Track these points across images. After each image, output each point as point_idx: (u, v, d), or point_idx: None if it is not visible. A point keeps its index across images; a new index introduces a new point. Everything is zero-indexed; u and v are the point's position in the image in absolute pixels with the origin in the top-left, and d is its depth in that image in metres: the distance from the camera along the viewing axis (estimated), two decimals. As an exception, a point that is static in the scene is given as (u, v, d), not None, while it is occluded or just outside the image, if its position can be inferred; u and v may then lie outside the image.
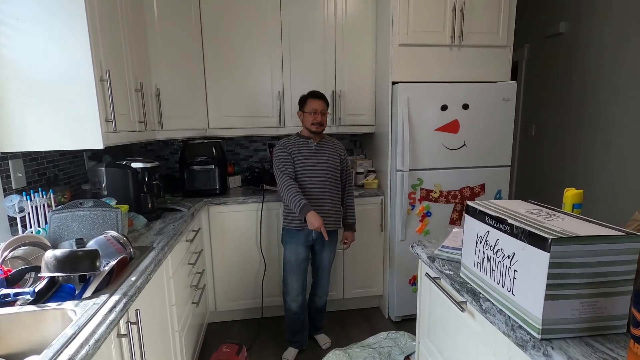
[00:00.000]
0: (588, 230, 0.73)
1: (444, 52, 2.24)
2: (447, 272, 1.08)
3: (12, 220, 1.41)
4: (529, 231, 0.74)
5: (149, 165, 1.75)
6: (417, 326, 1.37)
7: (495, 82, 2.27)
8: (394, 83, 2.22)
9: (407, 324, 2.36)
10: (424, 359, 1.32)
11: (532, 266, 0.73)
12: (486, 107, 2.23)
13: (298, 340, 2.08)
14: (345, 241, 2.07)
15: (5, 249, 1.10)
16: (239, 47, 2.37)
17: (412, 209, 2.27)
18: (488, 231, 0.88)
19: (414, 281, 2.36)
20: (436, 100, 2.18)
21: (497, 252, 0.85)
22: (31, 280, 1.10)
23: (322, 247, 2.01)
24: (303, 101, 1.96)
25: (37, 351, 0.89)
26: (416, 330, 1.38)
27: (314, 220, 1.78)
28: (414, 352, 1.65)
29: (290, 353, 2.07)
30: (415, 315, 1.40)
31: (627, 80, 2.36)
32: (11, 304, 0.95)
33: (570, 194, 1.15)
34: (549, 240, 0.69)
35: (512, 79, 2.33)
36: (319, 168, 1.93)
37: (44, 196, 1.42)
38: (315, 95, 1.94)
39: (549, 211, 0.88)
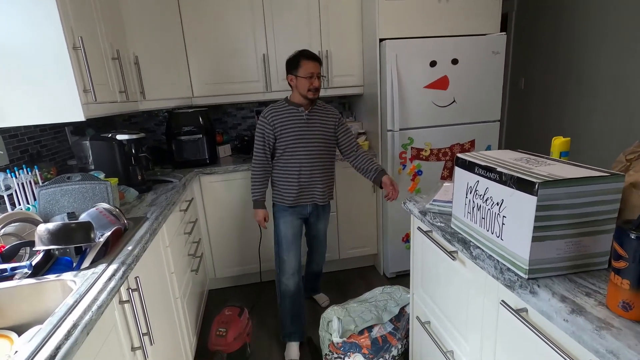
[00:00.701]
0: (574, 173, 0.74)
1: (432, 4, 2.15)
2: (439, 224, 1.11)
3: (-1, 199, 1.39)
4: (517, 177, 0.75)
5: (134, 136, 1.71)
6: (411, 278, 1.42)
7: (484, 35, 2.22)
8: (381, 40, 2.15)
9: (401, 279, 2.46)
10: (418, 307, 1.38)
11: (520, 211, 0.75)
12: (476, 61, 2.19)
13: (296, 330, 1.86)
14: (390, 190, 1.72)
15: (-4, 226, 1.09)
16: (218, 9, 2.25)
17: (403, 169, 2.28)
18: (478, 181, 0.90)
19: (406, 239, 2.42)
20: (425, 56, 2.13)
21: (486, 200, 0.87)
22: (27, 255, 1.10)
23: (317, 219, 1.93)
24: (294, 63, 1.68)
25: (41, 322, 0.91)
26: (410, 282, 1.44)
27: (256, 215, 1.81)
28: (409, 303, 1.73)
29: (293, 351, 1.84)
30: (409, 270, 1.45)
31: (614, 30, 2.33)
32: (9, 278, 0.96)
33: (558, 142, 1.16)
34: (537, 185, 0.70)
35: (501, 31, 2.27)
36: (310, 140, 1.73)
37: (29, 173, 1.39)
38: (310, 56, 1.67)
39: (537, 158, 0.90)
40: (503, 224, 0.81)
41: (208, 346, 1.71)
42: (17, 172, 1.33)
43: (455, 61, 2.17)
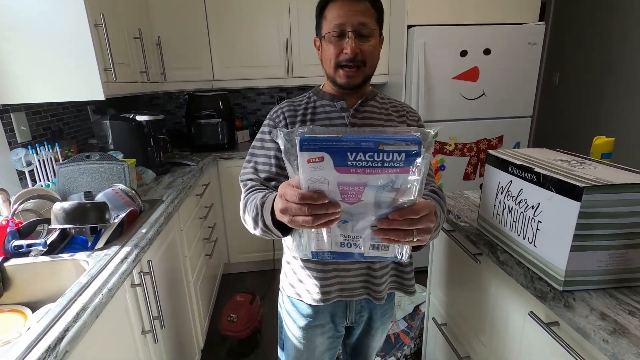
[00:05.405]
0: (624, 178, 0.67)
1: (466, -10, 2.03)
2: (462, 224, 1.05)
3: (21, 175, 1.41)
4: (558, 179, 0.68)
5: (153, 118, 1.70)
6: (429, 277, 1.37)
7: (521, 24, 2.08)
8: (409, 26, 2.05)
9: (417, 275, 2.39)
10: (435, 308, 1.33)
11: (559, 217, 0.68)
12: (510, 52, 2.06)
13: None
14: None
15: (15, 202, 1.10)
16: (242, -11, 2.20)
17: (425, 163, 2.20)
18: (511, 181, 0.83)
19: (424, 235, 2.35)
20: (455, 45, 2.02)
21: (519, 202, 0.80)
22: (45, 232, 1.11)
23: (368, 329, 0.98)
24: (318, 9, 0.87)
25: (54, 300, 0.91)
26: (427, 281, 1.38)
27: (280, 208, 0.57)
28: (424, 302, 1.68)
29: None
30: (425, 267, 1.40)
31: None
32: (25, 255, 0.96)
33: (600, 142, 1.08)
34: (582, 189, 0.63)
35: (539, 20, 2.12)
36: None
37: (50, 150, 1.40)
38: None
39: (579, 159, 0.82)
40: (538, 229, 0.75)
41: (219, 331, 1.72)
42: (38, 149, 1.34)
43: (487, 51, 2.05)
